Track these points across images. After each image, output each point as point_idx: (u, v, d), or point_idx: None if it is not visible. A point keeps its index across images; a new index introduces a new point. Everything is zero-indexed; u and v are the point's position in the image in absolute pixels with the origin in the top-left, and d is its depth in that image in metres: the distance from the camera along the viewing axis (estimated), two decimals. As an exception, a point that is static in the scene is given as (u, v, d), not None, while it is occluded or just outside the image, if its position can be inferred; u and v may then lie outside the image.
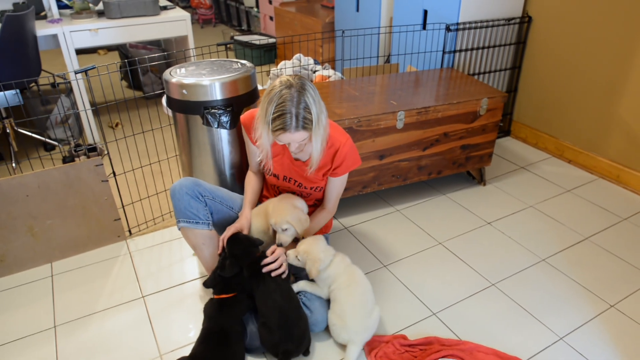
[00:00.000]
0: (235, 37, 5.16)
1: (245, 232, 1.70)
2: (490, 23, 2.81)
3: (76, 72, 1.83)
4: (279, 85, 1.46)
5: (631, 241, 2.19)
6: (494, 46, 2.91)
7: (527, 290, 1.91)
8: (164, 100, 2.42)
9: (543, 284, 1.94)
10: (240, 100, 1.87)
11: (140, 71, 3.84)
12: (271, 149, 1.64)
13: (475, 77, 2.95)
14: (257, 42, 4.86)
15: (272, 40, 4.94)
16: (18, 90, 2.33)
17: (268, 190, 1.91)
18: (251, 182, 1.85)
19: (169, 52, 3.69)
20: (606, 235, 2.24)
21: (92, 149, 2.73)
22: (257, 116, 1.53)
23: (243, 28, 6.29)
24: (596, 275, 1.99)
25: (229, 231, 1.67)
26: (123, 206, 2.28)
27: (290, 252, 1.67)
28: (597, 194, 2.57)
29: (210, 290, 1.69)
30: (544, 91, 2.96)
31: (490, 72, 2.99)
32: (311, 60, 3.06)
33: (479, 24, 2.77)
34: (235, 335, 1.54)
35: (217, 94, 1.81)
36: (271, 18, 5.18)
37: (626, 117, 2.55)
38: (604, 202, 2.49)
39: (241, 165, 2.01)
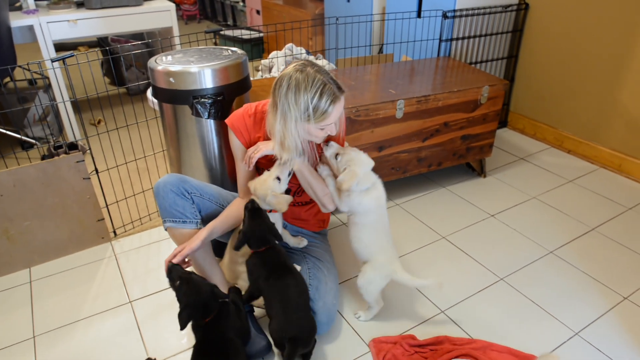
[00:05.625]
0: (221, 32, 5.02)
1: (185, 252, 1.43)
2: (487, 10, 2.72)
3: (53, 60, 1.69)
4: (297, 73, 1.32)
5: (638, 231, 2.12)
6: (490, 34, 2.83)
7: (537, 284, 1.82)
8: (149, 93, 2.28)
9: (553, 277, 1.86)
10: (232, 88, 1.75)
11: (124, 66, 3.69)
12: (254, 162, 1.49)
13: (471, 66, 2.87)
14: (245, 37, 4.72)
15: (260, 34, 4.81)
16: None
17: None
18: (234, 209, 1.56)
19: (152, 41, 3.54)
20: (612, 225, 2.17)
21: (73, 147, 2.57)
22: (283, 116, 1.33)
23: (229, 23, 6.14)
24: (606, 266, 1.91)
25: (176, 252, 1.44)
26: (107, 205, 2.14)
27: (333, 148, 1.47)
28: (599, 184, 2.50)
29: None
30: (542, 80, 2.89)
31: (486, 61, 2.91)
32: (303, 50, 2.94)
33: (476, 11, 2.69)
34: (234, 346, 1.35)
35: (207, 82, 1.69)
36: (258, 12, 5.05)
37: (628, 104, 2.48)
38: (607, 192, 2.42)
39: (233, 160, 1.89)
